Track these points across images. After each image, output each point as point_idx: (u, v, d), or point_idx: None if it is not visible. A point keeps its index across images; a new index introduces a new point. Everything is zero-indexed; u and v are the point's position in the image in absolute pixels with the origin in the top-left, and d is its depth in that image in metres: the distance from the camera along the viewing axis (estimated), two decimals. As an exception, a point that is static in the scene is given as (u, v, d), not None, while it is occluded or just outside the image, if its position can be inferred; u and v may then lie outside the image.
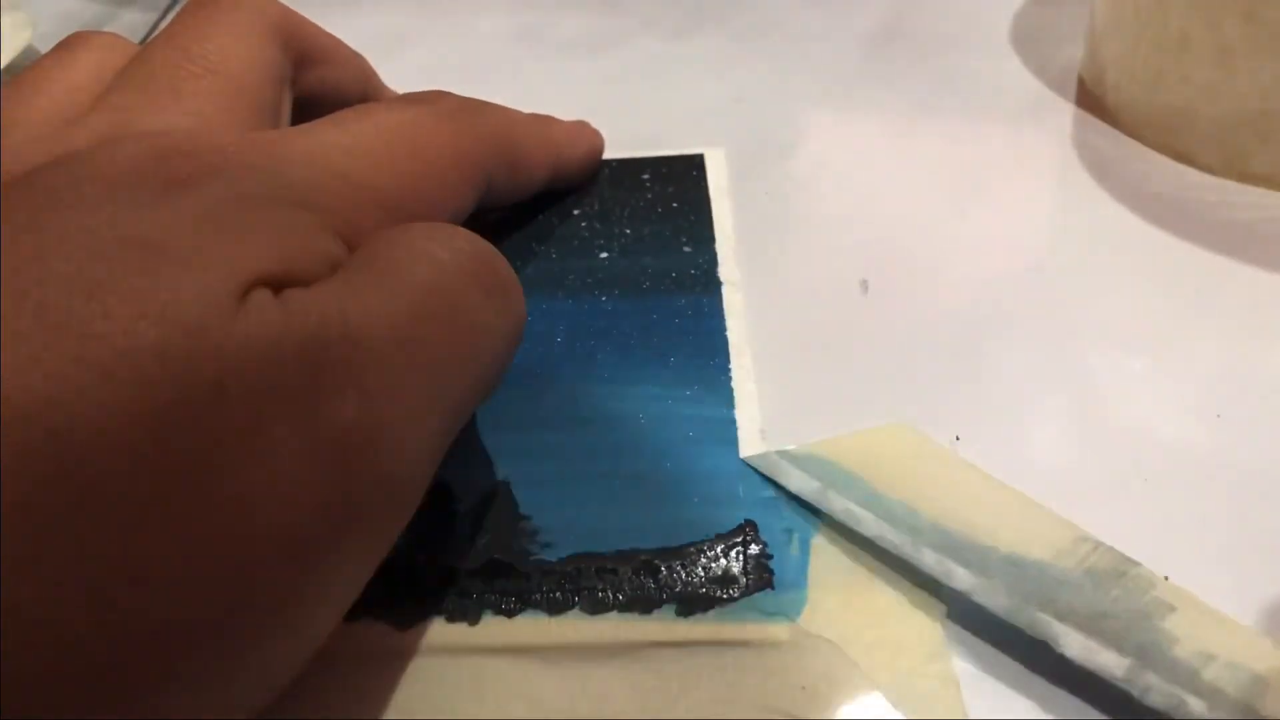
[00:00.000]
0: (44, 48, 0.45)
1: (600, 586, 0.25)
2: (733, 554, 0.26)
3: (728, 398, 0.29)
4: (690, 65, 0.45)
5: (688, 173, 0.39)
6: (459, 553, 0.25)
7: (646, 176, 0.39)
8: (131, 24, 0.49)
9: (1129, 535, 0.25)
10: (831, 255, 0.35)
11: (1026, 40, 0.45)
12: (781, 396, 0.30)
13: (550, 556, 0.25)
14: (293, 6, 0.47)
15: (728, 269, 0.34)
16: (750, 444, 0.28)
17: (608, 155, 0.40)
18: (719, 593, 0.25)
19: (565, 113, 0.42)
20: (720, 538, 0.26)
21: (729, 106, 0.42)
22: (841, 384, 0.30)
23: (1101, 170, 0.38)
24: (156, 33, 0.47)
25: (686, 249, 0.35)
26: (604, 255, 0.35)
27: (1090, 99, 0.41)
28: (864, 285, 0.33)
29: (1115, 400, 0.29)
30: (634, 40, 0.47)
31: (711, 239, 0.35)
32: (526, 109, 0.42)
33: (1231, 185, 0.37)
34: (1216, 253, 0.34)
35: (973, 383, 0.30)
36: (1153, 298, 0.33)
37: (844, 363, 0.31)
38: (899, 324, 0.32)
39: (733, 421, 0.29)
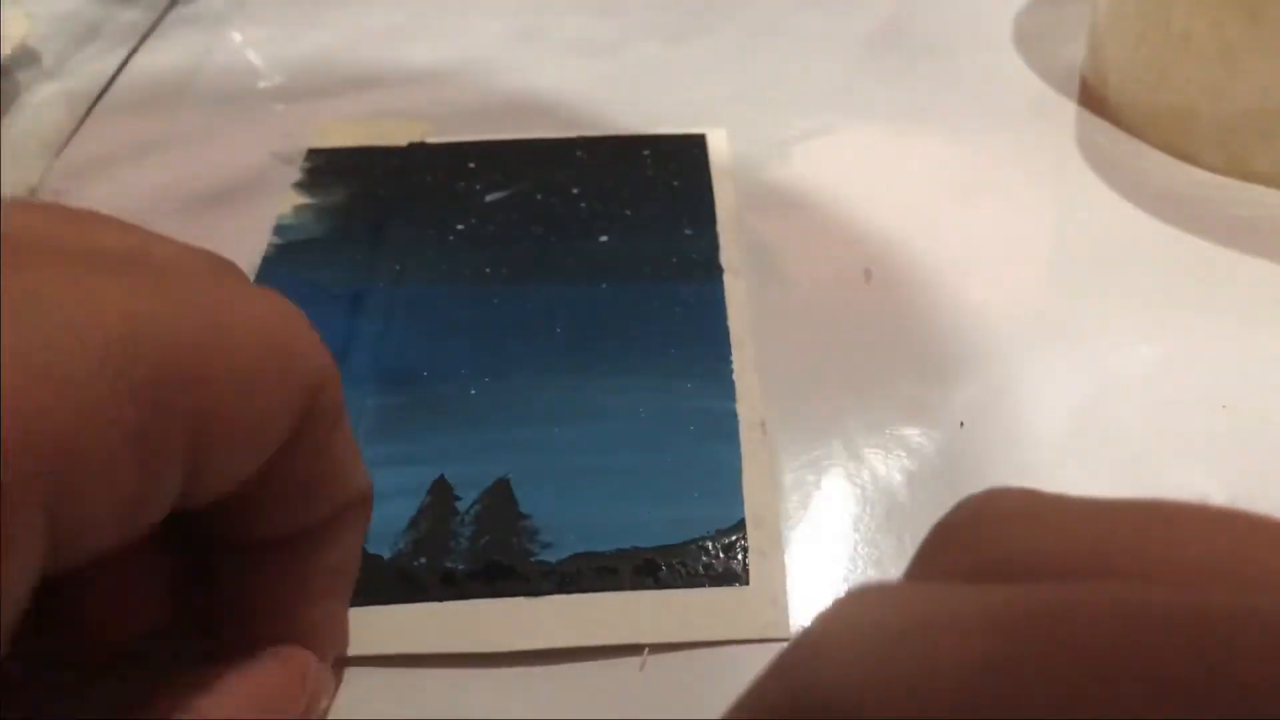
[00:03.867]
0: (42, 46, 0.44)
1: (601, 587, 0.23)
2: (733, 550, 0.24)
3: (729, 390, 0.28)
4: (691, 66, 0.43)
5: (689, 152, 0.37)
6: (460, 554, 0.24)
7: (647, 153, 0.37)
8: (131, 24, 0.47)
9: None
10: (834, 245, 0.33)
11: (1029, 40, 0.43)
12: (783, 388, 0.28)
13: (550, 558, 0.24)
14: (295, 4, 0.46)
15: (729, 255, 0.32)
16: (752, 437, 0.26)
17: (605, 133, 0.38)
18: (723, 590, 0.23)
19: (565, 111, 0.41)
20: (721, 534, 0.24)
21: (731, 105, 0.40)
22: (843, 375, 0.29)
23: (1104, 168, 0.36)
24: (155, 33, 0.45)
25: (687, 231, 0.33)
26: (604, 238, 0.33)
27: (1092, 98, 0.39)
28: (867, 274, 0.31)
29: (1119, 391, 0.28)
30: (635, 41, 0.45)
31: (713, 221, 0.34)
32: (527, 107, 0.41)
33: (1234, 183, 0.35)
34: (1220, 249, 0.32)
35: (976, 373, 0.29)
36: (1156, 293, 0.31)
37: (846, 353, 0.30)
38: (902, 314, 0.31)
39: (734, 414, 0.27)
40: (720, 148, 0.37)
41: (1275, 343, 0.29)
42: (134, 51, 0.45)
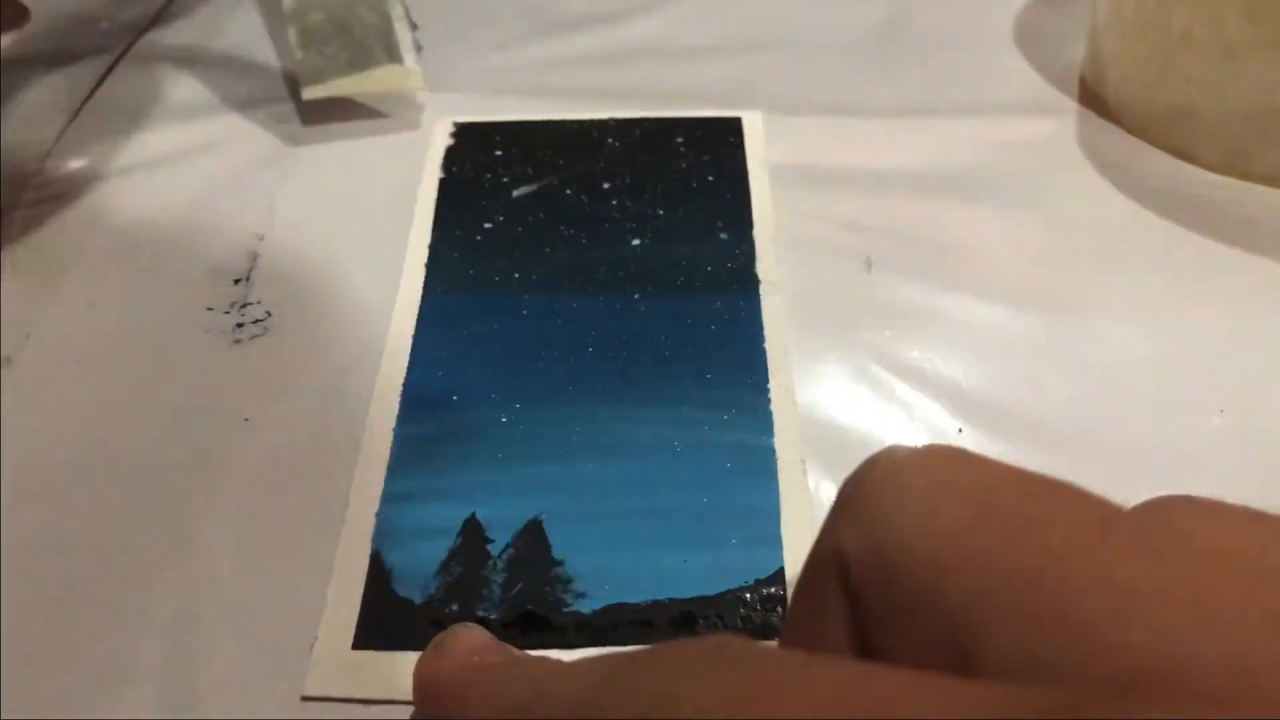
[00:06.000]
0: (42, 44, 0.42)
1: (636, 640, 0.22)
2: (772, 602, 0.23)
3: (767, 424, 0.26)
4: (693, 53, 0.41)
5: (724, 139, 0.35)
6: (492, 603, 0.22)
7: (680, 140, 0.35)
8: (132, 23, 0.44)
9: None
10: (834, 238, 0.32)
11: (1029, 38, 0.41)
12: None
13: (584, 608, 0.22)
14: None
15: (766, 264, 0.31)
16: (790, 476, 0.25)
17: (637, 114, 0.36)
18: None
19: (567, 91, 0.38)
20: (760, 584, 0.23)
21: (733, 94, 0.38)
22: (840, 374, 0.28)
23: (1103, 167, 0.35)
24: (155, 31, 0.43)
25: (723, 235, 0.32)
26: (636, 242, 0.31)
27: (1092, 97, 0.38)
28: (868, 264, 0.31)
29: (1117, 390, 0.27)
30: (636, 22, 0.43)
31: (750, 224, 0.32)
32: (528, 83, 0.39)
33: (1233, 182, 0.34)
34: (1219, 248, 0.31)
35: (973, 374, 0.28)
36: (1155, 291, 0.30)
37: (843, 350, 0.28)
38: (900, 312, 0.30)
39: (772, 450, 0.26)
40: (756, 132, 0.35)
41: (1274, 342, 0.28)
42: (132, 44, 0.43)
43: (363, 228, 0.33)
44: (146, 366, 0.29)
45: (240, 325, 0.30)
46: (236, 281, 0.31)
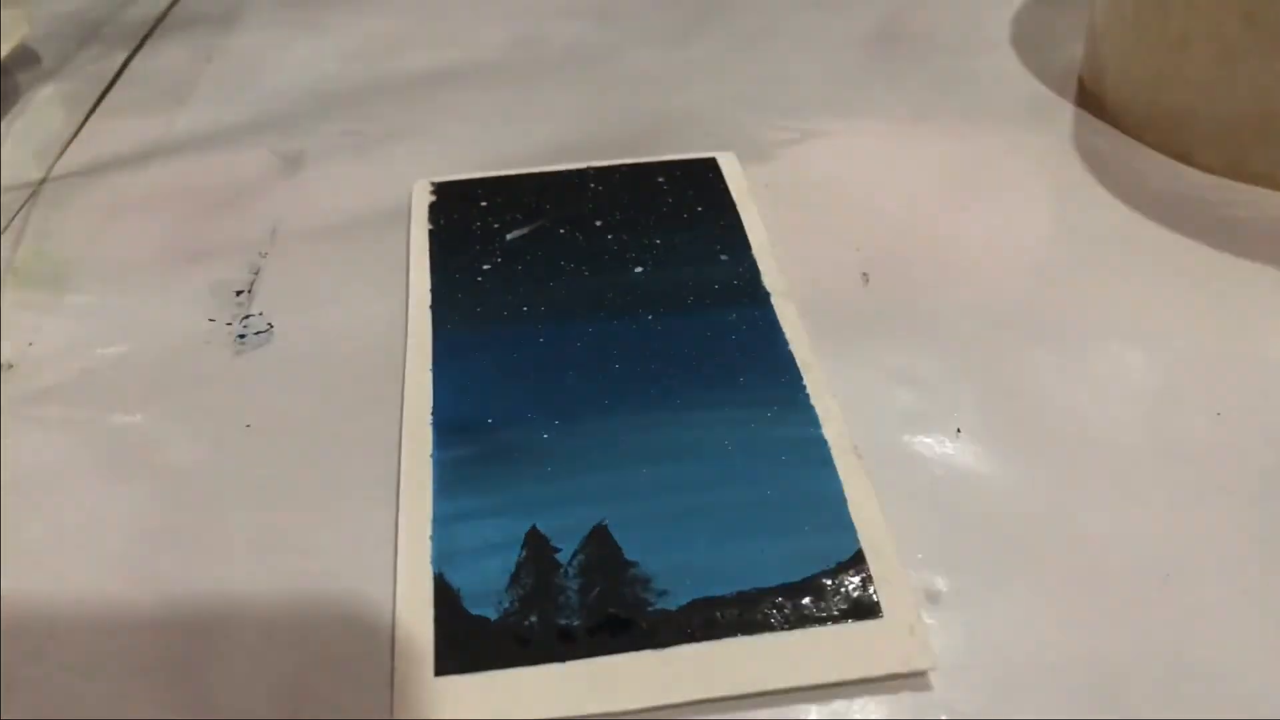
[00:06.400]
0: (42, 46, 0.43)
1: (728, 633, 0.21)
2: (860, 582, 0.21)
3: (811, 415, 0.26)
4: (688, 70, 0.42)
5: (703, 175, 0.35)
6: (572, 609, 0.21)
7: (661, 180, 0.35)
8: (131, 25, 0.45)
9: (1128, 534, 0.23)
10: (831, 248, 0.32)
11: (1026, 41, 0.43)
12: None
13: (669, 605, 0.22)
14: (296, 8, 0.44)
15: (772, 279, 0.31)
16: (847, 462, 0.24)
17: (615, 161, 0.36)
18: (857, 625, 0.21)
19: (565, 118, 0.39)
20: (842, 567, 0.22)
21: (728, 109, 0.39)
22: (840, 379, 0.27)
23: (1101, 169, 0.36)
24: (155, 34, 0.44)
25: (723, 257, 0.31)
26: (639, 270, 0.31)
27: (1090, 99, 0.39)
28: (865, 278, 0.31)
29: (1115, 397, 0.27)
30: (631, 47, 0.44)
31: (747, 245, 0.32)
32: (524, 115, 0.40)
33: (1231, 184, 0.35)
34: (1217, 250, 0.32)
35: (973, 375, 0.28)
36: (1152, 294, 0.30)
37: (843, 356, 0.28)
38: (898, 318, 0.30)
39: (823, 440, 0.25)
40: (734, 171, 0.35)
41: (1271, 345, 0.28)
42: (134, 52, 0.43)
43: (364, 251, 0.33)
44: (147, 375, 0.28)
45: (242, 337, 0.29)
46: (238, 293, 0.31)
